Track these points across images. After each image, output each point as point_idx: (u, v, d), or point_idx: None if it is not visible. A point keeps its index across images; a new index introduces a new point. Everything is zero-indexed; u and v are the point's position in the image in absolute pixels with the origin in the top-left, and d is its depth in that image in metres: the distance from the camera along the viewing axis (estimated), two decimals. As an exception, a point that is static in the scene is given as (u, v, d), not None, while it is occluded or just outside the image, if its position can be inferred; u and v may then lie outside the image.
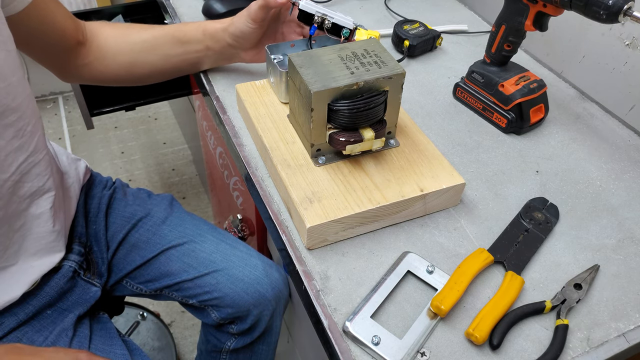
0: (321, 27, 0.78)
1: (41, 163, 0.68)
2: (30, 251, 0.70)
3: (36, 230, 0.70)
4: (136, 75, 0.83)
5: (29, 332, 0.72)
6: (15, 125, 0.62)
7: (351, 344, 0.55)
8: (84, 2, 2.07)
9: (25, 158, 0.65)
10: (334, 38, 0.80)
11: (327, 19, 0.77)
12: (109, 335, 0.79)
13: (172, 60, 0.82)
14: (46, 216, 0.70)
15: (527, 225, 0.68)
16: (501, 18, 0.77)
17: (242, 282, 0.83)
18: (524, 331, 0.57)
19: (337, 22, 0.78)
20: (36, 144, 0.67)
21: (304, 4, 0.77)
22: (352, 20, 0.79)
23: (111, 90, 1.13)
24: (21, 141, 0.64)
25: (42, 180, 0.69)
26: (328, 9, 0.78)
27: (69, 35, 0.75)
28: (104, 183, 0.90)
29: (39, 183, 0.68)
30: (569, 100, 0.90)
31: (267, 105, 0.76)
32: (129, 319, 1.43)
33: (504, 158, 0.78)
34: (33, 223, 0.69)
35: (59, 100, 2.34)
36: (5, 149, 0.62)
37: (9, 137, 0.62)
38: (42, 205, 0.69)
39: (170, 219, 0.88)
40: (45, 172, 0.69)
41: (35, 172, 0.67)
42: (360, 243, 0.65)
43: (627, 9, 0.61)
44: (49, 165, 0.70)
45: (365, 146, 0.66)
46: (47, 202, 0.70)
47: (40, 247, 0.71)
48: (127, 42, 0.80)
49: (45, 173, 0.69)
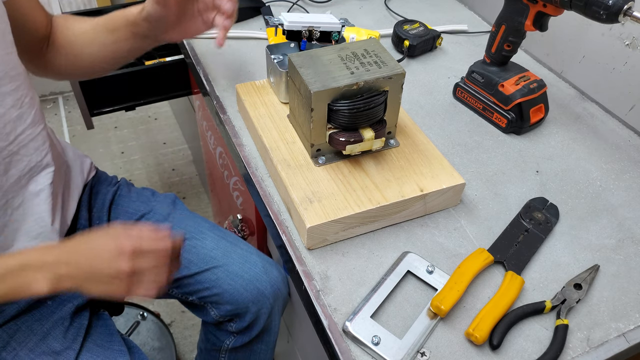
0: (310, 39, 0.77)
1: (39, 137, 0.69)
2: (31, 234, 0.70)
3: (36, 210, 0.70)
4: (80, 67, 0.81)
5: (29, 321, 0.73)
6: (13, 95, 0.64)
7: (351, 344, 0.55)
8: (84, 2, 2.07)
9: (24, 129, 0.66)
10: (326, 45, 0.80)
11: (314, 30, 0.76)
12: (109, 332, 0.80)
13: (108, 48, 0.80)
14: (45, 194, 0.71)
15: (527, 225, 0.68)
16: (501, 18, 0.77)
17: (241, 278, 0.83)
18: (524, 331, 0.57)
19: (324, 30, 0.77)
20: (34, 116, 0.68)
21: (287, 24, 0.76)
22: (337, 20, 0.78)
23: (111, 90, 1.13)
24: (20, 111, 0.65)
25: (40, 155, 0.70)
26: (310, 17, 0.77)
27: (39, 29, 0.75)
28: (110, 180, 0.92)
29: (37, 157, 0.69)
30: (569, 100, 0.90)
31: (267, 105, 0.76)
32: (129, 319, 1.43)
33: (504, 158, 0.78)
34: (32, 202, 0.70)
35: (59, 100, 2.34)
36: (5, 116, 0.63)
37: (8, 105, 0.63)
38: (40, 182, 0.70)
39: (172, 217, 0.89)
40: (43, 147, 0.70)
41: (34, 145, 0.68)
42: (360, 243, 0.65)
43: (627, 9, 0.61)
44: (47, 141, 0.71)
45: (365, 146, 0.66)
46: (46, 179, 0.71)
47: (40, 230, 0.71)
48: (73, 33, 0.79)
49: (43, 148, 0.70)
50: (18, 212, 0.69)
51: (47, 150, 0.71)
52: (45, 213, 0.72)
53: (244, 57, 0.95)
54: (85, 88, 1.10)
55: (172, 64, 1.15)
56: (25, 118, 0.67)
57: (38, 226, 0.71)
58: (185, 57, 1.00)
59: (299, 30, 0.76)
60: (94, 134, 2.16)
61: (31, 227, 0.71)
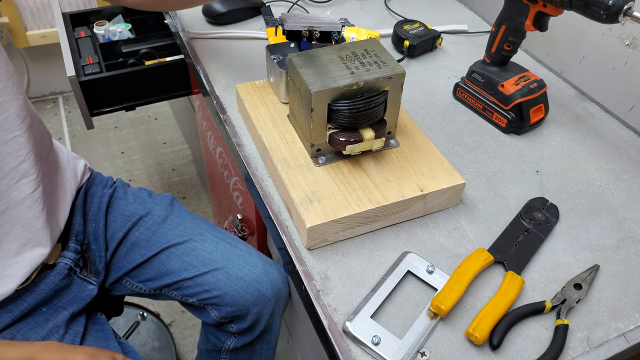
0: (310, 39, 0.77)
1: (11, 143, 0.67)
2: (21, 240, 0.70)
3: (22, 217, 0.69)
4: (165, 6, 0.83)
5: (23, 329, 0.72)
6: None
7: (351, 344, 0.55)
8: (84, 2, 2.07)
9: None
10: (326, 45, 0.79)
11: (315, 30, 0.76)
12: (105, 336, 0.79)
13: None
14: (29, 201, 0.70)
15: (527, 225, 0.68)
16: (501, 18, 0.77)
17: (242, 280, 0.83)
18: (524, 331, 0.57)
19: (325, 30, 0.76)
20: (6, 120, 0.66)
21: (288, 24, 0.75)
22: (337, 20, 0.77)
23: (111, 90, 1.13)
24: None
25: (15, 161, 0.68)
26: (310, 17, 0.77)
27: None
28: (105, 182, 0.90)
29: (12, 163, 0.67)
30: (569, 100, 0.90)
31: (267, 105, 0.76)
32: (129, 319, 1.43)
33: (504, 158, 0.78)
34: (17, 209, 0.69)
35: (59, 100, 2.34)
36: None
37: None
38: (22, 190, 0.69)
39: (170, 218, 0.88)
40: (18, 153, 0.68)
41: (5, 150, 0.66)
42: (360, 243, 0.65)
43: (627, 9, 0.61)
44: (26, 148, 0.69)
45: (365, 146, 0.66)
46: (28, 187, 0.69)
47: (29, 236, 0.71)
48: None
49: (18, 155, 0.68)
50: (4, 218, 0.68)
51: (24, 157, 0.69)
52: (34, 219, 0.71)
53: (244, 57, 0.95)
54: (86, 88, 1.10)
55: (172, 64, 1.15)
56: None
57: (27, 232, 0.70)
58: (185, 57, 1.00)
59: (299, 31, 0.76)
60: (94, 134, 2.16)
61: (19, 234, 0.70)
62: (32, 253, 0.72)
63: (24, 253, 0.71)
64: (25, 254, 0.71)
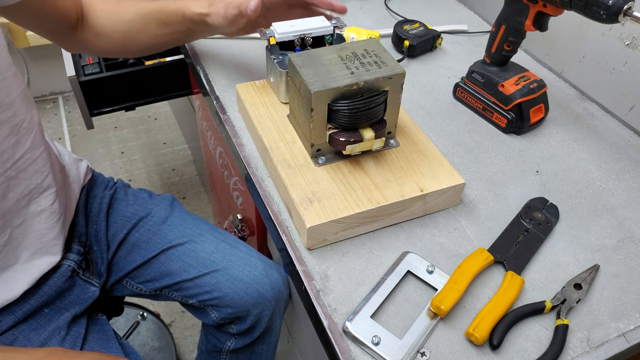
0: (303, 46, 0.76)
1: (39, 160, 0.68)
2: (32, 249, 0.70)
3: (37, 227, 0.70)
4: (132, 51, 0.82)
5: (26, 330, 0.72)
6: (9, 122, 0.63)
7: (351, 344, 0.55)
8: (84, 2, 2.07)
9: (22, 155, 0.65)
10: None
11: (306, 37, 0.75)
12: (106, 337, 0.79)
13: (162, 39, 0.80)
14: (47, 213, 0.70)
15: (527, 225, 0.68)
16: (501, 18, 0.77)
17: (242, 281, 0.83)
18: (524, 331, 0.57)
19: (317, 35, 0.76)
20: (33, 140, 0.67)
21: (278, 36, 0.74)
22: (328, 22, 0.77)
23: (111, 90, 1.13)
24: (17, 137, 0.64)
25: (40, 177, 0.69)
26: (301, 23, 0.75)
27: (69, 15, 0.75)
28: (106, 183, 0.90)
29: (37, 180, 0.68)
30: (569, 100, 0.90)
31: (267, 105, 0.76)
32: (129, 319, 1.43)
33: (504, 158, 0.78)
34: (34, 220, 0.69)
35: (59, 100, 2.34)
36: (2, 145, 0.62)
37: (4, 134, 0.62)
38: (42, 204, 0.69)
39: (170, 219, 0.88)
40: (43, 169, 0.69)
41: (33, 169, 0.67)
42: (360, 243, 0.65)
43: (627, 9, 0.61)
44: (48, 162, 0.70)
45: (365, 146, 0.66)
46: (48, 200, 0.70)
47: (41, 246, 0.71)
48: (119, 20, 0.79)
49: (43, 170, 0.69)
50: (18, 231, 0.68)
51: (48, 171, 0.70)
52: (48, 230, 0.71)
53: (244, 57, 0.95)
54: (85, 88, 1.10)
55: (172, 64, 1.15)
56: (24, 143, 0.65)
57: (39, 242, 0.71)
58: (185, 57, 1.00)
59: (291, 40, 0.75)
60: (94, 134, 2.16)
61: (31, 243, 0.70)
62: (42, 261, 0.72)
63: (34, 261, 0.71)
64: (35, 261, 0.71)
